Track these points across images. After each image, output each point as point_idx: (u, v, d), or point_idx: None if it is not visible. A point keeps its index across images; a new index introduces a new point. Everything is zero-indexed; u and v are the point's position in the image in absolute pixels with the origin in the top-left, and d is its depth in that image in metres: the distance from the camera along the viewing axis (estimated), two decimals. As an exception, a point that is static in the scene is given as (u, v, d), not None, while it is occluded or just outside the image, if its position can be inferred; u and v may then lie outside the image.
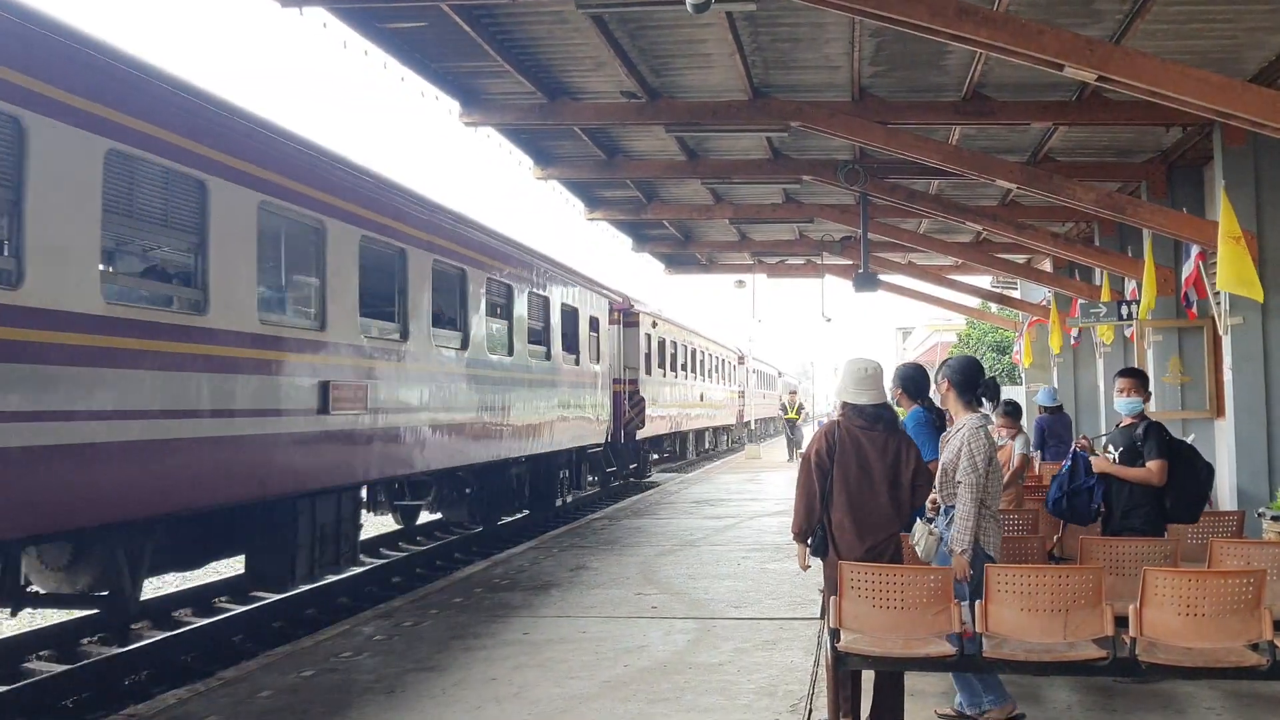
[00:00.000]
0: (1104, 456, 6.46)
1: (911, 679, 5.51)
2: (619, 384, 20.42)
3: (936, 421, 6.53)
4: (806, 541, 5.56)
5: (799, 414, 31.35)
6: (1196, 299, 11.13)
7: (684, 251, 21.51)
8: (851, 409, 5.48)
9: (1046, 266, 20.04)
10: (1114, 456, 6.41)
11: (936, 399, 6.40)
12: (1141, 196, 13.20)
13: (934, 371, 6.25)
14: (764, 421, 54.54)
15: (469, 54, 9.97)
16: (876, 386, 5.50)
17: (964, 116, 11.06)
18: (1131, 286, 14.23)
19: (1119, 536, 6.22)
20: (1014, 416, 9.34)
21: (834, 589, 5.15)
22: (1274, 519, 8.62)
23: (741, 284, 35.36)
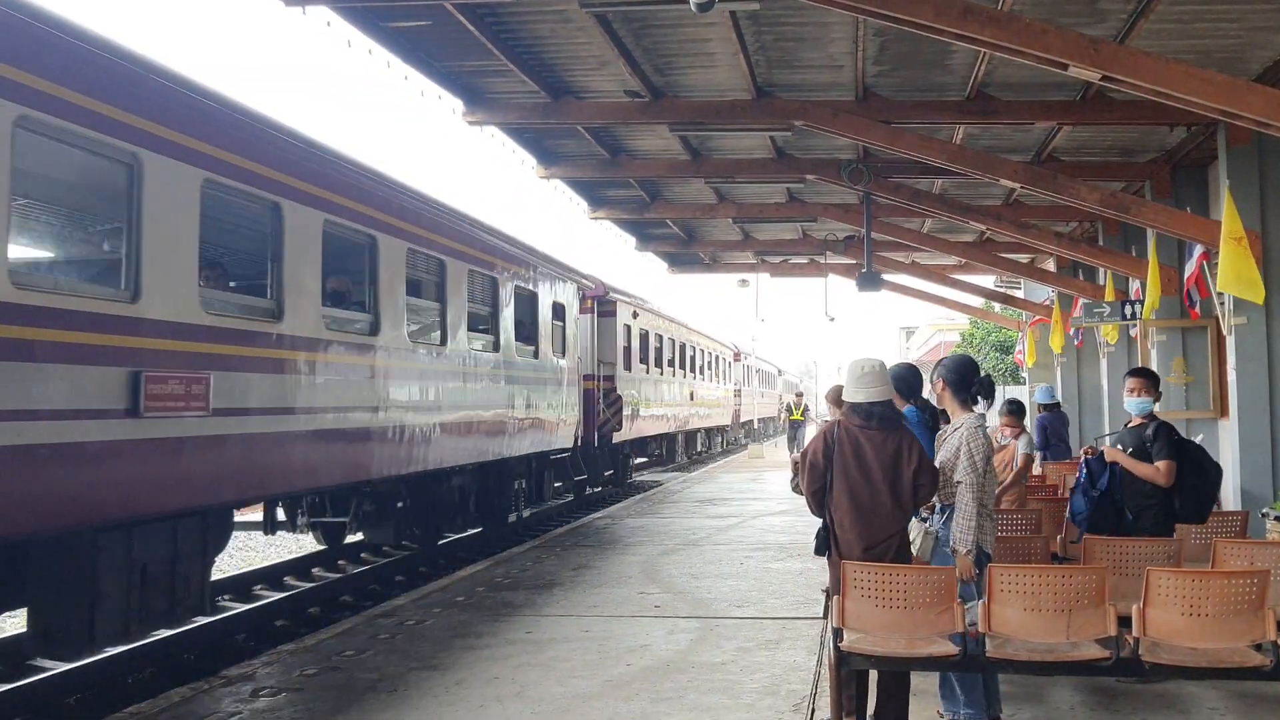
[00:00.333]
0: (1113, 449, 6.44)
1: (914, 679, 5.51)
2: (591, 381, 18.24)
3: (930, 421, 6.50)
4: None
5: (804, 415, 31.31)
6: (1200, 298, 11.11)
7: (687, 251, 21.51)
8: (850, 407, 5.46)
9: (1050, 266, 20.03)
10: None
11: (933, 398, 6.38)
12: (1146, 196, 13.19)
13: (929, 371, 6.23)
14: (764, 421, 53.13)
15: (473, 53, 9.98)
16: (876, 384, 5.40)
17: (968, 116, 11.06)
18: (1135, 286, 14.22)
19: (1126, 536, 6.21)
20: (1018, 415, 9.28)
21: (837, 588, 5.15)
22: (1278, 519, 8.61)
23: (745, 283, 35.34)
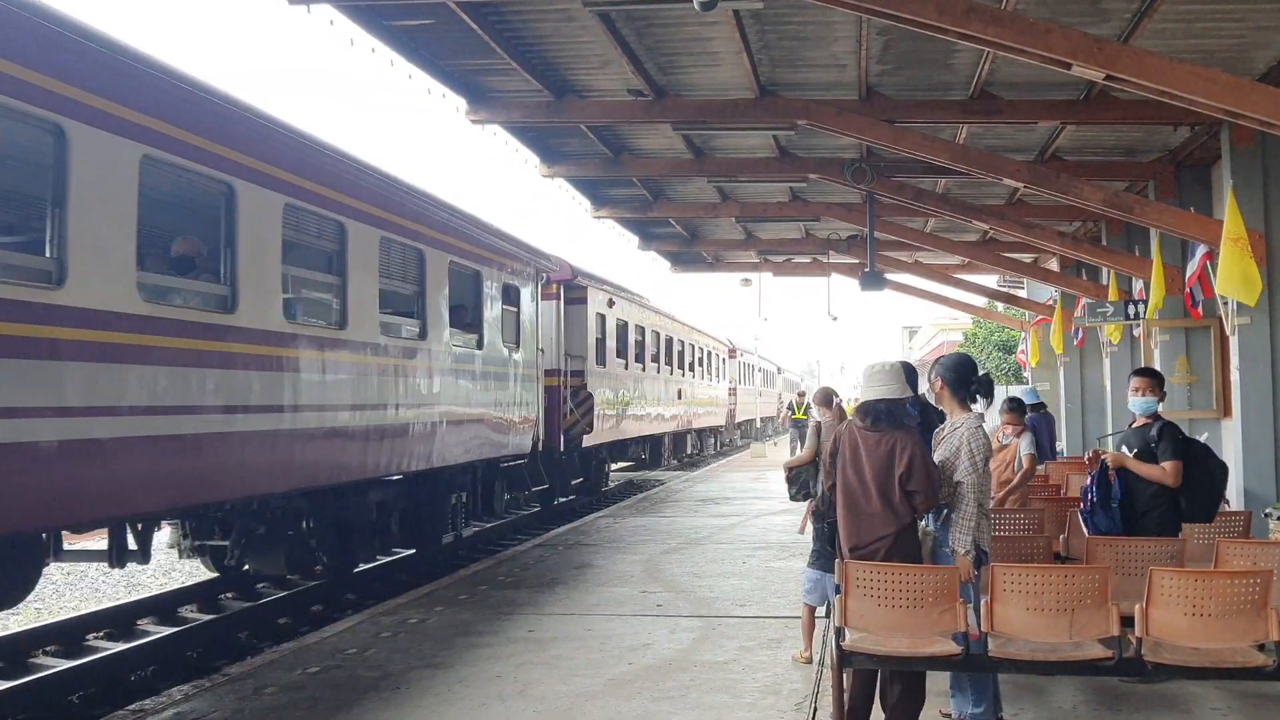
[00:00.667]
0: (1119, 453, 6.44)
1: (929, 680, 5.50)
2: (555, 377, 16.06)
3: (921, 419, 6.46)
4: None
5: (805, 413, 31.30)
6: (1203, 298, 11.10)
7: (690, 250, 21.49)
8: (858, 406, 5.46)
9: (1053, 266, 20.01)
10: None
11: (931, 397, 6.36)
12: (1149, 196, 13.18)
13: (927, 370, 6.21)
14: (765, 421, 51.68)
15: (476, 52, 9.98)
16: (885, 381, 5.35)
17: (971, 115, 11.05)
18: (1139, 286, 14.21)
19: (1129, 536, 6.20)
20: (1019, 413, 9.19)
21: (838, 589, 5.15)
22: (1281, 519, 8.60)
23: (747, 282, 35.39)
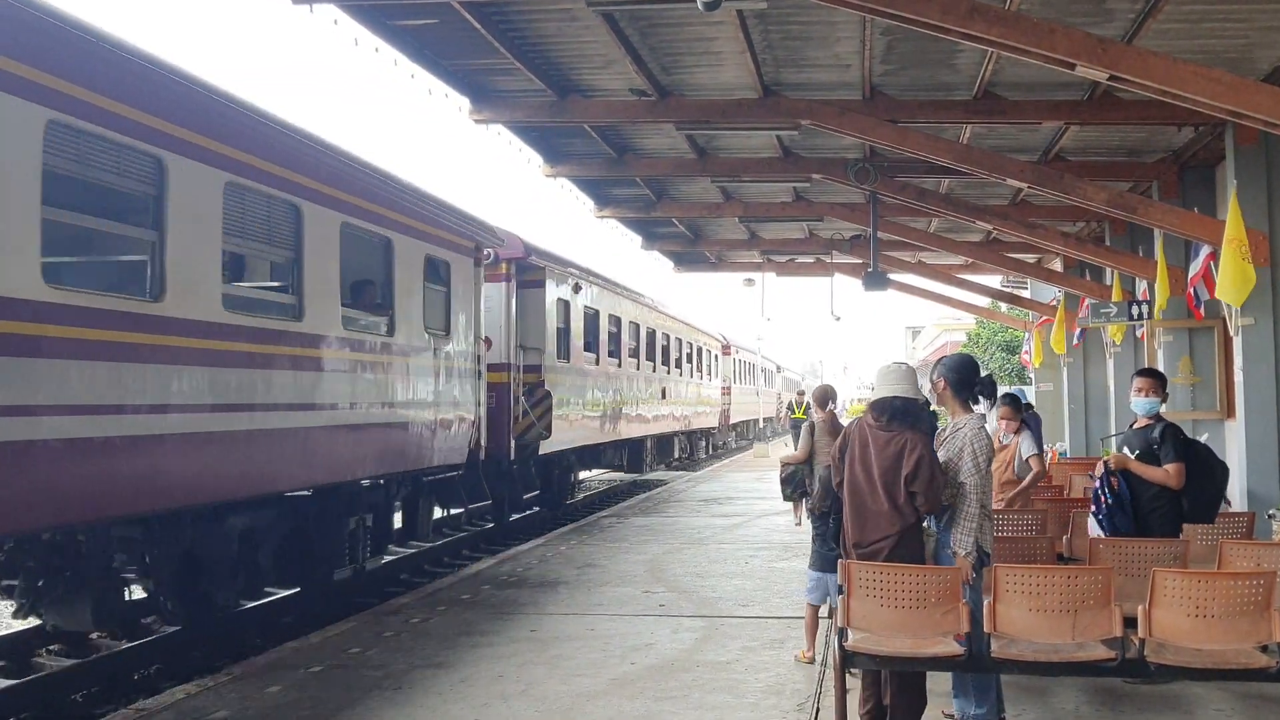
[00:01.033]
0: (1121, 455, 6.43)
1: (930, 680, 5.50)
2: (503, 372, 13.88)
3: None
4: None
5: (806, 414, 31.26)
6: (1206, 297, 11.08)
7: (693, 250, 21.49)
8: (870, 404, 5.46)
9: (1057, 266, 19.99)
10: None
11: (933, 398, 6.35)
12: (1153, 196, 13.15)
13: (929, 370, 6.21)
14: (766, 421, 50.20)
15: (479, 51, 9.98)
16: (899, 381, 5.37)
17: (975, 115, 11.04)
18: (1142, 287, 14.19)
19: (1132, 537, 6.19)
20: (1015, 408, 8.83)
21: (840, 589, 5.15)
22: (1284, 520, 8.58)
23: (750, 282, 35.41)
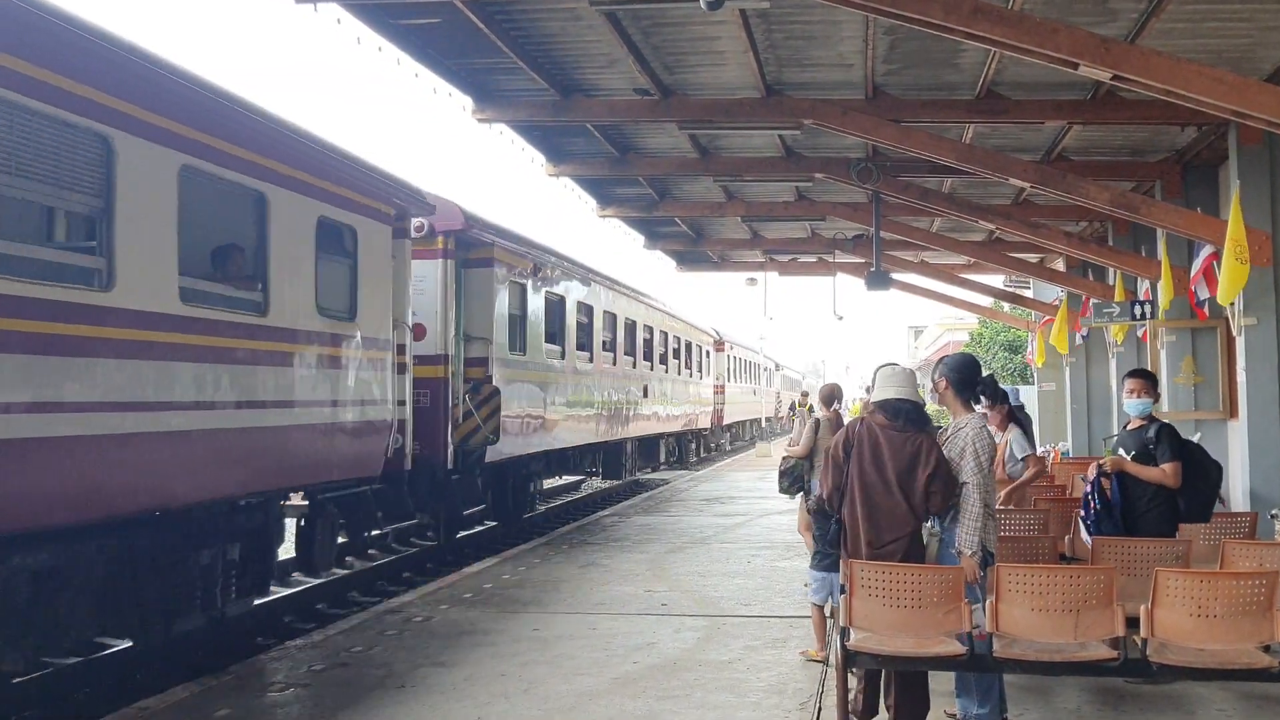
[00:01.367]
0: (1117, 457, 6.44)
1: (932, 679, 5.50)
2: (437, 365, 11.87)
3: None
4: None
5: (811, 413, 31.13)
6: (1208, 296, 11.07)
7: (695, 249, 21.49)
8: (878, 405, 5.48)
9: (1059, 266, 19.97)
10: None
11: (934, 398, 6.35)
12: (1156, 196, 13.14)
13: (930, 370, 6.22)
14: (769, 421, 49.62)
15: (482, 50, 9.98)
16: (903, 384, 5.46)
17: (978, 115, 11.03)
18: (1145, 287, 14.18)
19: (1132, 537, 6.20)
20: (995, 399, 7.71)
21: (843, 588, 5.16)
22: (1287, 520, 8.57)
23: (753, 282, 35.46)
